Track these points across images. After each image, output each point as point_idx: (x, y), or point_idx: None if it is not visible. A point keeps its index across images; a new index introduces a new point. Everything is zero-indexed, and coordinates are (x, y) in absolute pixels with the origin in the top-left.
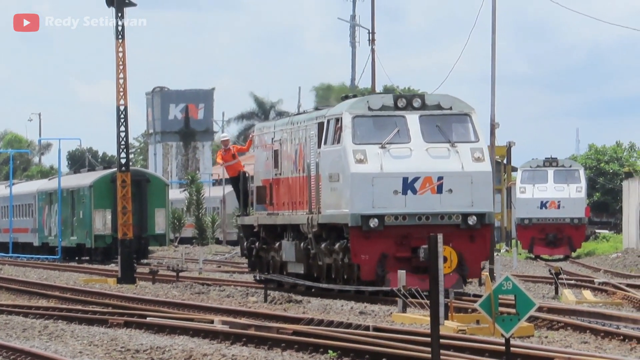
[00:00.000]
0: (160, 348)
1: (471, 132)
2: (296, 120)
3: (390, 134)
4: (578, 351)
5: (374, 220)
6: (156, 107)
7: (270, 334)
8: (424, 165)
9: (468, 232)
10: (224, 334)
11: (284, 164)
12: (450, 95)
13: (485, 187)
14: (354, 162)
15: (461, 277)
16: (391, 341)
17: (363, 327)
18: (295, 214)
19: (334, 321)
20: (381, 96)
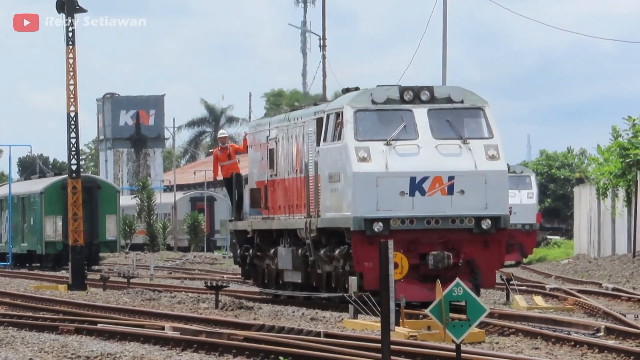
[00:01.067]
0: (111, 354)
1: (484, 127)
2: (293, 117)
3: (396, 129)
4: (529, 357)
5: (378, 224)
6: (107, 113)
7: (222, 340)
8: (433, 164)
9: (482, 237)
10: (175, 341)
11: (280, 164)
12: (462, 87)
13: (500, 187)
14: (356, 161)
15: (474, 287)
16: (342, 347)
17: (314, 333)
18: (292, 218)
19: (285, 327)
20: (386, 88)
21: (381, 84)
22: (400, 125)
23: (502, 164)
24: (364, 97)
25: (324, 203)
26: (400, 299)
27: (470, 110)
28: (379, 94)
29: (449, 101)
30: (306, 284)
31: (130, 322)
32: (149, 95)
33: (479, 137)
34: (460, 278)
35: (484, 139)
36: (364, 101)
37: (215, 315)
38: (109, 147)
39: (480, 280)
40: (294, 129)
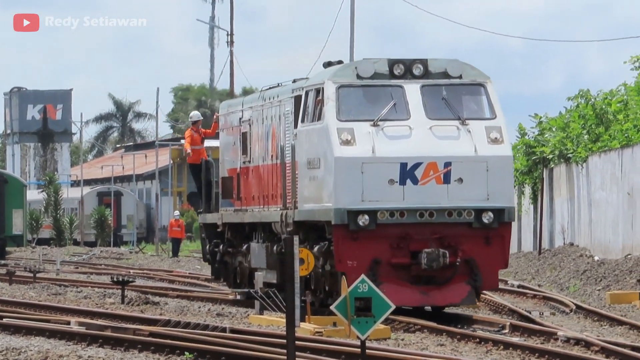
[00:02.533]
0: (17, 349)
1: (486, 106)
2: (268, 96)
3: (385, 108)
4: (434, 353)
5: (363, 218)
6: (14, 107)
7: (127, 336)
8: (427, 148)
9: (483, 233)
10: (81, 335)
11: (253, 149)
12: (460, 60)
13: (504, 175)
14: (338, 144)
15: (474, 289)
16: (248, 343)
17: (220, 328)
18: (266, 210)
19: (191, 323)
20: (373, 61)
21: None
22: (390, 104)
23: (506, 149)
24: (347, 71)
25: (302, 193)
26: (306, 296)
27: (469, 87)
28: (365, 67)
29: (445, 76)
30: (282, 284)
31: (36, 317)
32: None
33: (479, 117)
34: (458, 280)
35: (486, 120)
36: (348, 76)
37: (121, 311)
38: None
39: (480, 281)
40: (269, 109)
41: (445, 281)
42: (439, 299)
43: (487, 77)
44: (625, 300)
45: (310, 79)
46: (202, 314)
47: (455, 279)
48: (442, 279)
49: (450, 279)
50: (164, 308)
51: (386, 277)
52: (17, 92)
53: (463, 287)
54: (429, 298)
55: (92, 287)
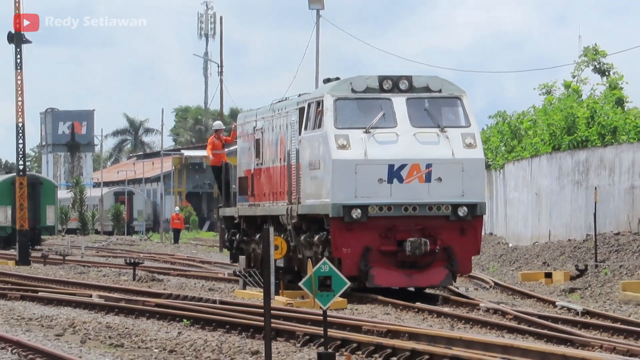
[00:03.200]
0: (49, 317)
1: (462, 116)
2: (277, 108)
3: (375, 117)
4: (381, 320)
5: (356, 211)
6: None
7: (137, 306)
8: (411, 152)
9: (458, 224)
10: (100, 306)
11: (265, 153)
12: (440, 77)
13: (477, 175)
14: (335, 148)
15: (451, 273)
16: (233, 312)
17: (211, 300)
18: (275, 205)
19: (188, 296)
20: (365, 77)
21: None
22: (379, 114)
23: (479, 152)
24: (344, 86)
25: (305, 190)
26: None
27: (448, 100)
28: (358, 82)
29: (427, 90)
30: (289, 267)
31: (65, 291)
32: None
33: (456, 125)
34: (437, 264)
35: (462, 128)
36: (344, 90)
37: (132, 286)
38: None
39: (457, 266)
40: (278, 119)
41: (426, 266)
42: (421, 281)
43: (463, 92)
44: (533, 279)
45: (312, 93)
46: (197, 289)
47: (435, 264)
48: (423, 264)
49: (431, 264)
50: (167, 284)
51: (376, 262)
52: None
53: (442, 271)
54: (412, 280)
55: (110, 268)
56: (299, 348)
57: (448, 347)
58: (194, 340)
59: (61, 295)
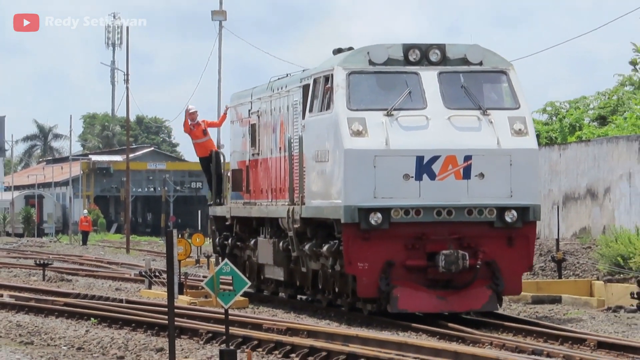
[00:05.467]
0: None
1: (509, 95)
2: (277, 86)
3: (399, 96)
4: (281, 319)
5: (376, 216)
6: None
7: (47, 305)
8: (445, 140)
9: (505, 233)
10: (11, 305)
11: (262, 141)
12: (480, 45)
13: (529, 170)
14: (348, 135)
15: (495, 294)
16: (139, 311)
17: (118, 300)
18: (274, 205)
19: (96, 295)
20: (387, 46)
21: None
22: (405, 92)
23: (531, 141)
24: (359, 57)
25: (310, 188)
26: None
27: (491, 74)
28: (378, 52)
29: (464, 62)
30: (290, 282)
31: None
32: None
33: (502, 107)
34: (478, 284)
35: (509, 110)
36: (360, 62)
37: (42, 286)
38: None
39: (503, 286)
40: (278, 100)
41: (465, 285)
42: (458, 305)
43: (510, 64)
44: None
45: (319, 65)
46: (104, 289)
47: (476, 283)
48: (461, 283)
49: (470, 284)
50: (76, 284)
51: (400, 281)
52: None
53: (484, 292)
54: (447, 304)
55: (20, 268)
56: (202, 345)
57: (345, 344)
58: (101, 337)
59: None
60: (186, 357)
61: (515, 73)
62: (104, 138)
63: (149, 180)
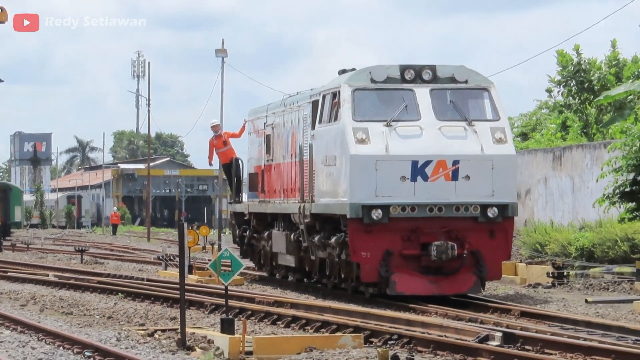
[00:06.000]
0: (16, 291)
1: (490, 108)
2: (289, 102)
3: (397, 110)
4: (270, 294)
5: (377, 212)
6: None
7: (84, 283)
8: (436, 147)
9: (487, 227)
10: (55, 283)
11: (276, 149)
12: (466, 66)
13: (508, 173)
14: (354, 142)
15: (479, 279)
16: (157, 287)
17: (140, 278)
18: (286, 203)
19: (123, 275)
20: (386, 67)
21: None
22: (401, 105)
23: (510, 148)
24: (362, 76)
25: (319, 188)
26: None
27: (475, 91)
28: (378, 72)
29: (452, 81)
30: (299, 268)
31: (28, 271)
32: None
33: (484, 119)
34: (465, 270)
35: (491, 121)
36: (363, 80)
37: (80, 267)
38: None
39: (485, 272)
40: (290, 114)
41: (453, 272)
42: (447, 288)
43: (491, 83)
44: None
45: (328, 83)
46: (130, 270)
47: (462, 269)
48: (450, 270)
49: (458, 270)
50: (107, 266)
51: (398, 268)
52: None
53: (469, 277)
54: (438, 287)
55: (63, 254)
56: (207, 315)
57: (320, 313)
58: (126, 309)
59: (25, 275)
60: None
61: (495, 90)
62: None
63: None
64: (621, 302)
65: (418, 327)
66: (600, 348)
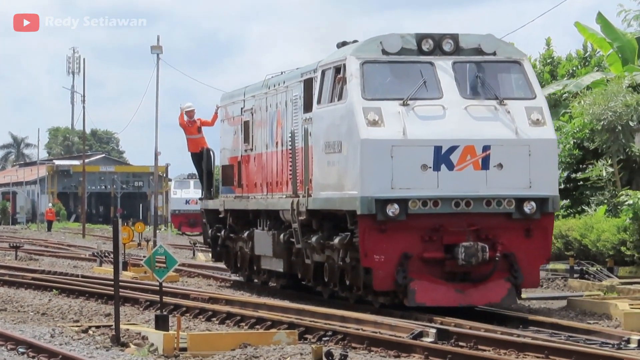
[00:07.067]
0: None
1: (525, 85)
2: (273, 83)
3: (415, 86)
4: (205, 290)
5: (393, 207)
6: None
7: (18, 279)
8: (463, 130)
9: (523, 224)
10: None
11: (256, 137)
12: (493, 35)
13: (548, 160)
14: (364, 125)
15: (514, 287)
16: (92, 284)
17: (75, 275)
18: (271, 198)
19: (58, 271)
20: (400, 35)
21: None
22: (420, 81)
23: (549, 131)
24: (372, 46)
25: (318, 180)
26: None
27: (505, 64)
28: (391, 42)
29: (478, 52)
30: (289, 273)
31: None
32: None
33: (518, 97)
34: (497, 276)
35: (525, 100)
36: (373, 51)
37: (15, 264)
38: None
39: (521, 278)
40: (274, 96)
41: (483, 278)
42: (477, 298)
43: (524, 54)
44: None
45: (327, 57)
46: (65, 266)
47: (494, 275)
48: (479, 276)
49: (489, 276)
50: (41, 262)
51: (417, 274)
52: None
53: (502, 285)
54: (465, 297)
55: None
56: (142, 311)
57: (255, 310)
58: (61, 305)
59: None
60: (128, 320)
61: (529, 63)
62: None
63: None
64: (555, 298)
65: (352, 324)
66: (533, 344)
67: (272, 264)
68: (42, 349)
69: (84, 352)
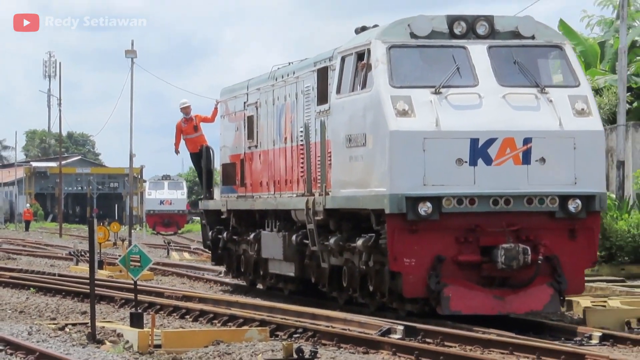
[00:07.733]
0: None
1: (567, 72)
2: (280, 74)
3: (448, 72)
4: (179, 289)
5: (425, 205)
6: None
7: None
8: (502, 121)
9: (568, 224)
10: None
11: (261, 133)
12: (532, 17)
13: (595, 154)
14: (393, 115)
15: (557, 293)
16: (68, 282)
17: (52, 274)
18: (280, 197)
19: (35, 270)
20: (430, 17)
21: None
22: (453, 67)
23: (596, 122)
24: (399, 30)
25: (337, 176)
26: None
27: (545, 49)
28: (420, 24)
29: (515, 36)
30: (301, 278)
31: None
32: None
33: (561, 84)
34: (539, 281)
35: (569, 88)
36: (401, 34)
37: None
38: None
39: (565, 284)
40: (282, 88)
41: (524, 284)
42: (517, 306)
43: (565, 39)
44: None
45: (348, 41)
46: (42, 265)
47: (536, 280)
48: (519, 281)
49: (531, 281)
50: (19, 261)
51: (451, 278)
52: None
53: (545, 291)
54: (505, 304)
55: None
56: (117, 309)
57: (228, 307)
58: (38, 303)
59: None
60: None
61: (570, 48)
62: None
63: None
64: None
65: (322, 321)
66: (498, 341)
67: (282, 267)
68: (19, 346)
69: (60, 350)
